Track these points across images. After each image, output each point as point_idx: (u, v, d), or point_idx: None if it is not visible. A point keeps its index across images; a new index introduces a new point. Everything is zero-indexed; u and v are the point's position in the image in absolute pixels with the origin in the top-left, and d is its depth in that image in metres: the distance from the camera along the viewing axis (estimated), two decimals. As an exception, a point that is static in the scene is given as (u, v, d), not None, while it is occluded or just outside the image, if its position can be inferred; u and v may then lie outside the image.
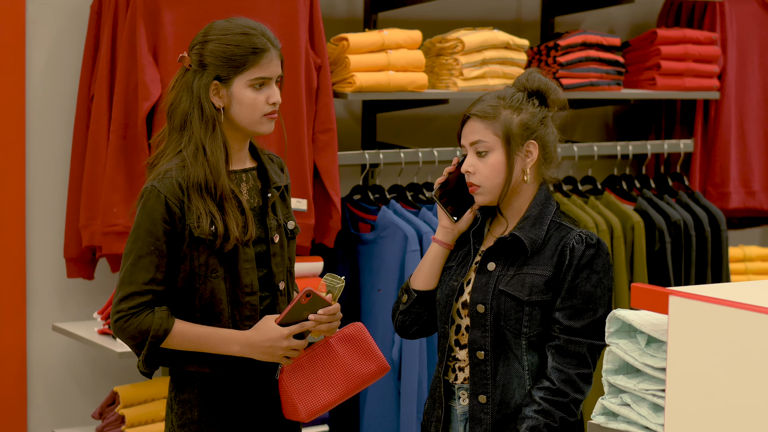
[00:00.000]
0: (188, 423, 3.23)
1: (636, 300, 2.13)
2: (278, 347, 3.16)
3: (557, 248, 3.10)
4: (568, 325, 3.06)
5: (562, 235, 3.12)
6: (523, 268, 3.11)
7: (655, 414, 2.16)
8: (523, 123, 3.13)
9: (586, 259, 3.08)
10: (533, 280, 3.09)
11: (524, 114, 3.13)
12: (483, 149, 3.12)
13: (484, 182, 3.13)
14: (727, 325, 1.94)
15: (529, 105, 3.15)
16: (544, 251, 3.11)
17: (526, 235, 3.11)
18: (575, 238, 3.10)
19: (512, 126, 3.11)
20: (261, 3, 4.33)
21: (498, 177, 3.12)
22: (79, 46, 4.47)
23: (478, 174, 3.14)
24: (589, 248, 3.09)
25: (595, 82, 5.12)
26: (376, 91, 4.59)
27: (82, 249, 4.39)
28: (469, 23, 5.14)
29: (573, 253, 3.08)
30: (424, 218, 4.59)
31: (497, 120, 3.12)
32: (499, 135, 3.11)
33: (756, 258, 5.67)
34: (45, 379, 4.62)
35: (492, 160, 3.12)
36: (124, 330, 3.13)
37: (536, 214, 3.14)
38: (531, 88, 3.17)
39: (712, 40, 5.46)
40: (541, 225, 3.13)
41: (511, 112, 3.12)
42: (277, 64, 3.21)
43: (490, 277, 3.14)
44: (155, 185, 3.13)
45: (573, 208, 4.90)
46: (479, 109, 3.14)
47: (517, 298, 3.09)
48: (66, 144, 4.50)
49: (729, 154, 5.60)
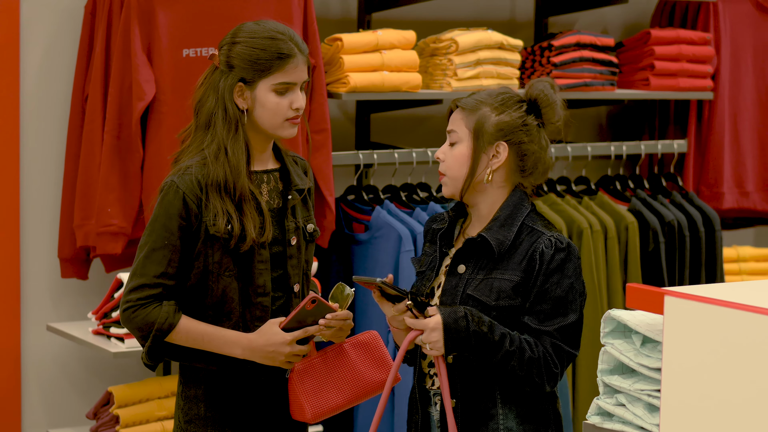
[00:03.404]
0: (195, 419, 3.25)
1: (631, 300, 2.13)
2: (280, 352, 3.16)
3: (527, 253, 3.03)
4: (537, 328, 3.00)
5: (533, 240, 3.04)
6: (492, 273, 3.05)
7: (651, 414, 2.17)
8: (500, 123, 3.07)
9: (556, 263, 3.02)
10: (501, 285, 3.02)
11: (504, 116, 3.08)
12: (454, 139, 3.10)
13: (448, 171, 3.10)
14: (722, 325, 1.94)
15: (514, 109, 3.09)
16: (514, 256, 3.04)
17: (493, 236, 3.04)
18: (545, 243, 3.03)
19: (486, 123, 3.07)
20: (255, 3, 4.33)
21: (460, 169, 3.08)
22: (74, 46, 4.46)
23: (445, 163, 3.11)
24: (559, 252, 3.02)
25: (589, 82, 5.12)
26: (371, 92, 4.59)
27: (76, 249, 4.39)
28: (463, 23, 5.14)
29: (543, 258, 3.01)
30: (418, 218, 4.59)
31: (474, 114, 3.08)
32: (470, 129, 3.08)
33: (750, 258, 5.68)
34: (39, 379, 4.61)
35: (458, 151, 3.09)
36: (132, 321, 3.16)
37: (506, 216, 3.07)
38: (530, 95, 3.12)
39: (706, 40, 5.47)
40: (511, 227, 3.05)
41: (492, 110, 3.08)
42: (303, 69, 3.21)
43: (460, 280, 3.08)
44: (175, 180, 3.16)
45: (567, 208, 4.91)
46: (465, 100, 3.13)
47: (483, 303, 3.02)
48: (60, 144, 4.50)
49: (723, 155, 5.60)
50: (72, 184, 4.37)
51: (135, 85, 4.19)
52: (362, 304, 4.57)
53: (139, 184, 4.27)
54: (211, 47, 4.27)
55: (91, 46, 4.35)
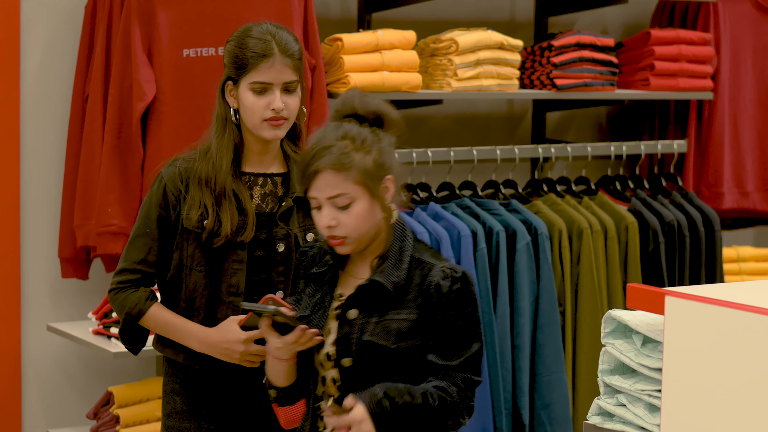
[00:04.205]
0: (172, 413, 3.29)
1: (632, 300, 2.13)
2: (234, 350, 3.17)
3: (421, 288, 2.91)
4: (444, 364, 2.90)
5: (425, 273, 2.92)
6: (387, 314, 2.91)
7: (651, 414, 2.17)
8: (377, 162, 2.90)
9: (454, 295, 2.91)
10: (399, 326, 2.90)
11: (375, 152, 2.90)
12: (344, 202, 2.88)
13: (351, 233, 2.90)
14: (723, 325, 1.94)
15: (375, 139, 2.92)
16: (408, 293, 2.92)
17: (387, 279, 2.91)
18: (439, 275, 2.91)
19: (369, 169, 2.89)
20: (255, 3, 4.33)
21: (365, 225, 2.90)
22: (74, 46, 4.46)
23: (342, 227, 2.90)
24: (455, 283, 2.91)
25: (589, 82, 5.12)
26: (371, 92, 4.58)
27: (76, 249, 4.39)
28: (463, 23, 5.15)
29: (439, 291, 2.90)
30: (418, 218, 4.59)
31: (352, 166, 2.87)
32: (359, 183, 2.88)
33: (749, 258, 5.68)
34: (39, 380, 4.61)
35: (357, 210, 2.89)
36: (113, 302, 3.29)
37: (396, 252, 2.95)
38: (368, 113, 2.95)
39: (706, 40, 5.47)
40: (401, 264, 2.93)
41: (363, 154, 2.89)
42: (282, 71, 3.23)
43: (353, 327, 2.93)
44: (162, 171, 3.27)
45: (567, 208, 4.91)
46: (330, 160, 2.87)
47: (383, 348, 2.90)
48: (60, 144, 4.50)
49: (722, 155, 5.60)
50: (72, 184, 4.37)
51: (135, 85, 4.19)
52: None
53: (140, 184, 4.27)
54: (211, 47, 4.27)
55: (91, 47, 4.35)
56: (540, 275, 4.66)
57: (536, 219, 4.71)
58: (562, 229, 4.78)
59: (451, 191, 4.88)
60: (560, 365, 4.66)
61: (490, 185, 5.00)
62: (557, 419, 4.66)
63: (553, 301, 4.67)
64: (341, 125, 2.94)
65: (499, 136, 5.48)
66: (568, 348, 4.79)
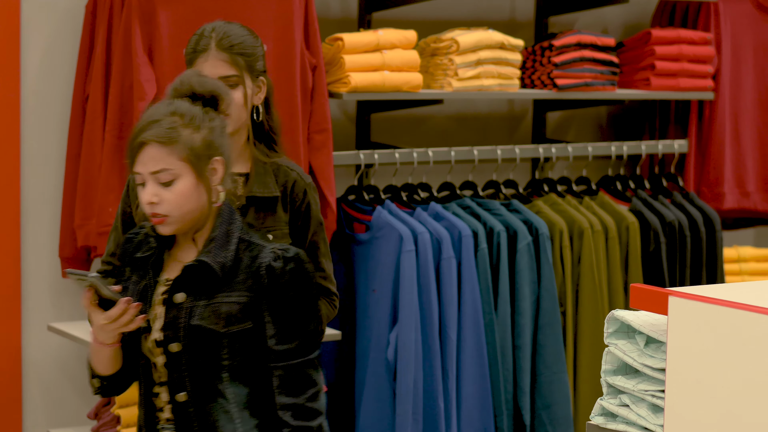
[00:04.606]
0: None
1: (635, 300, 2.13)
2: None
3: (251, 270, 2.86)
4: (283, 349, 2.86)
5: (255, 254, 2.87)
6: (216, 297, 2.86)
7: (654, 415, 2.16)
8: (206, 141, 2.87)
9: (288, 275, 2.87)
10: (229, 308, 2.85)
11: (204, 130, 2.87)
12: (167, 178, 2.83)
13: (173, 212, 2.84)
14: (727, 325, 1.94)
15: (207, 118, 2.89)
16: (237, 275, 2.87)
17: (214, 259, 2.85)
18: (270, 256, 2.86)
19: (196, 147, 2.85)
20: (256, 3, 4.33)
21: (188, 204, 2.85)
22: (74, 45, 4.46)
23: (165, 204, 2.83)
24: (287, 263, 2.87)
25: (590, 82, 5.12)
26: (372, 92, 4.58)
27: (77, 249, 4.39)
28: (464, 23, 5.14)
29: (271, 273, 2.86)
30: (419, 218, 4.59)
31: (179, 143, 2.83)
32: (184, 159, 2.83)
33: (750, 259, 5.68)
34: (40, 379, 4.61)
35: (180, 187, 2.83)
36: None
37: (223, 234, 2.88)
38: (204, 93, 2.93)
39: (707, 40, 5.47)
40: (229, 245, 2.87)
41: (192, 131, 2.85)
42: (216, 65, 3.27)
43: (180, 311, 2.87)
44: None
45: (567, 208, 4.91)
46: (157, 133, 2.83)
47: (213, 332, 2.85)
48: (61, 144, 4.50)
49: (723, 155, 5.60)
50: (73, 184, 4.36)
51: (136, 84, 4.19)
52: (362, 304, 4.57)
53: (140, 184, 4.28)
54: (211, 47, 4.27)
55: (91, 46, 4.35)
56: (541, 275, 4.66)
57: (537, 219, 4.71)
58: (563, 230, 4.78)
59: (451, 191, 4.88)
60: (561, 365, 4.66)
61: (491, 185, 5.00)
62: (558, 419, 4.67)
63: (554, 301, 4.67)
64: (173, 102, 2.92)
65: (499, 136, 5.48)
66: (569, 348, 4.79)
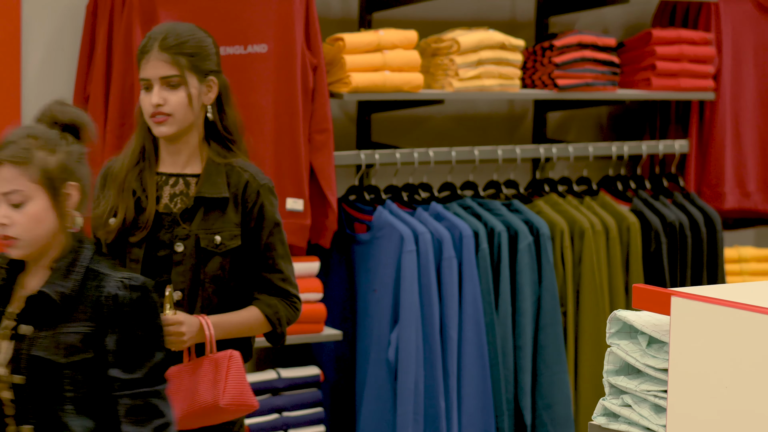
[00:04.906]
0: None
1: (637, 301, 2.13)
2: None
3: (95, 299, 2.81)
4: (129, 378, 2.80)
5: (101, 284, 2.82)
6: (59, 327, 2.80)
7: (657, 415, 2.16)
8: (62, 164, 2.83)
9: (134, 305, 2.82)
10: (70, 339, 2.79)
11: (60, 154, 2.83)
12: (18, 200, 2.78)
13: (23, 235, 2.79)
14: (729, 326, 1.94)
15: (63, 143, 2.86)
16: (80, 304, 2.81)
17: (54, 289, 2.80)
18: (117, 285, 2.82)
19: (50, 169, 2.80)
20: (256, 3, 4.33)
21: (39, 227, 2.80)
22: (75, 45, 4.46)
23: (16, 226, 2.78)
24: (134, 292, 2.82)
25: (591, 82, 5.12)
26: (372, 92, 4.58)
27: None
28: (464, 23, 5.14)
29: (116, 302, 2.81)
30: (420, 218, 4.59)
31: (32, 164, 2.79)
32: (37, 181, 2.79)
33: (751, 259, 5.68)
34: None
35: (31, 209, 2.79)
36: None
37: (68, 264, 2.83)
38: (64, 121, 2.90)
39: (707, 40, 5.46)
40: (72, 275, 2.82)
41: (46, 153, 2.81)
42: (156, 65, 3.26)
43: (23, 343, 2.81)
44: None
45: (568, 208, 4.90)
46: (11, 153, 2.78)
47: (54, 363, 2.78)
48: (61, 144, 4.49)
49: (724, 155, 5.60)
50: (73, 184, 4.37)
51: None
52: (363, 304, 4.57)
53: (141, 184, 4.27)
54: (212, 47, 4.27)
55: (92, 46, 4.35)
56: (542, 275, 4.66)
57: (538, 219, 4.71)
58: (563, 230, 4.78)
59: (452, 191, 4.88)
60: (562, 365, 4.66)
61: (492, 185, 5.00)
62: (559, 419, 4.67)
63: (555, 301, 4.67)
64: (33, 126, 2.90)
65: (500, 136, 5.48)
66: (569, 348, 4.79)
